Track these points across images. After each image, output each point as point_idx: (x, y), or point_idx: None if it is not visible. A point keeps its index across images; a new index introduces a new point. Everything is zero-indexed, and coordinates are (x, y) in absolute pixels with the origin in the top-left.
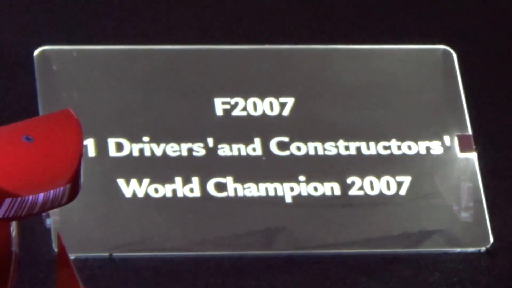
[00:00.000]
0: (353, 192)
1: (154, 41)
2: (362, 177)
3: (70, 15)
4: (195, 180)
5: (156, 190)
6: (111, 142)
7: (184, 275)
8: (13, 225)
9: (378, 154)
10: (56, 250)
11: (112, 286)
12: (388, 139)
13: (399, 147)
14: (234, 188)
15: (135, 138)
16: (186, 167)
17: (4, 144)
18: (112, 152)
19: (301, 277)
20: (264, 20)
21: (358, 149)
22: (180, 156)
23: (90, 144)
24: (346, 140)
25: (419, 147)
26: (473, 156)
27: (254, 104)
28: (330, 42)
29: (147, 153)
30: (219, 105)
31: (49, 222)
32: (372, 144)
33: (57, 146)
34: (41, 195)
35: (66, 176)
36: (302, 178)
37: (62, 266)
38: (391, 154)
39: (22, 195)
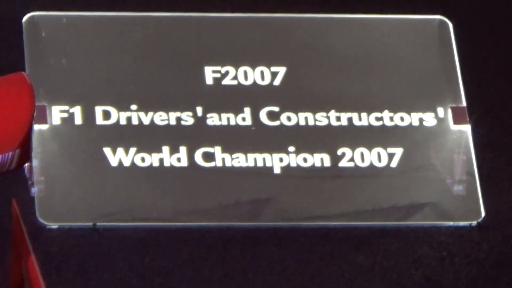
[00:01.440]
0: (343, 163)
1: (144, 8)
2: (353, 148)
3: None
4: (183, 149)
5: (143, 159)
6: (98, 110)
7: (169, 246)
8: None
9: (370, 125)
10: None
11: (95, 256)
12: (381, 110)
13: (391, 118)
14: (222, 158)
15: (122, 106)
16: (174, 136)
17: None
18: (99, 120)
19: (288, 249)
20: None
21: (350, 120)
22: (168, 125)
23: (77, 112)
24: (338, 110)
25: (412, 118)
26: (466, 128)
27: (245, 73)
28: (324, 11)
29: (135, 121)
30: (209, 74)
31: (34, 191)
32: (364, 115)
33: (7, 110)
34: None
35: (15, 142)
36: (291, 148)
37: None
38: (383, 125)
39: None
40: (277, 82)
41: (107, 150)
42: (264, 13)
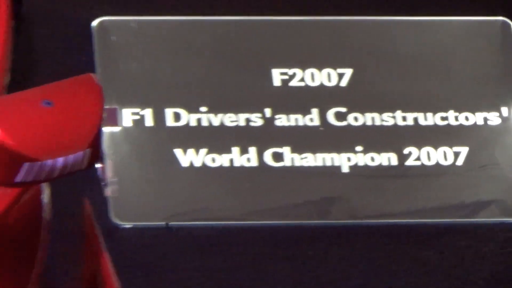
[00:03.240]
0: (409, 162)
1: (212, 13)
2: (419, 147)
3: None
4: (252, 150)
5: (213, 160)
6: (169, 112)
7: (239, 244)
8: (46, 192)
9: (436, 125)
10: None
11: (168, 254)
12: (446, 110)
13: (456, 118)
14: (291, 158)
15: (192, 108)
16: (243, 137)
17: (24, 109)
18: (170, 122)
19: (356, 246)
20: None
21: (416, 119)
22: (237, 126)
23: (147, 114)
24: (404, 111)
25: (477, 118)
26: None
27: (312, 74)
28: (388, 14)
29: (205, 123)
30: (277, 76)
31: (107, 191)
32: (429, 115)
33: (77, 111)
34: (61, 160)
35: (86, 141)
36: (359, 148)
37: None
38: (448, 125)
39: (41, 159)
40: (343, 83)
41: (178, 151)
42: (330, 16)
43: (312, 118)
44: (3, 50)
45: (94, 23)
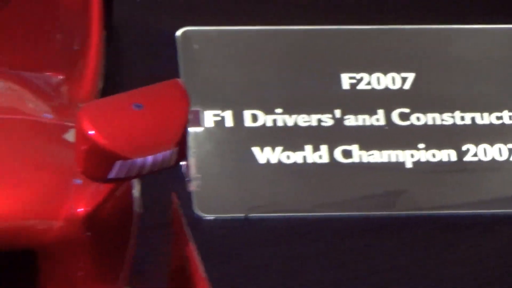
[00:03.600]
0: (467, 158)
1: (286, 23)
2: (476, 144)
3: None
4: (324, 147)
5: (288, 157)
6: (247, 113)
7: (312, 234)
8: (136, 187)
9: (491, 124)
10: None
11: (246, 243)
12: (501, 110)
13: (510, 117)
14: (359, 154)
15: (268, 110)
16: (315, 136)
17: (116, 111)
18: (248, 122)
19: (419, 235)
20: (387, 2)
21: (473, 119)
22: (309, 126)
23: (227, 115)
24: (462, 111)
25: None
26: None
27: (378, 78)
28: (446, 23)
29: (280, 123)
30: (346, 80)
31: (192, 186)
32: (485, 114)
33: (165, 113)
34: (150, 158)
35: (173, 141)
36: (421, 145)
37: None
38: (503, 124)
39: (132, 157)
40: (406, 86)
41: (255, 149)
42: (393, 25)
43: (378, 118)
44: (97, 58)
45: (178, 33)
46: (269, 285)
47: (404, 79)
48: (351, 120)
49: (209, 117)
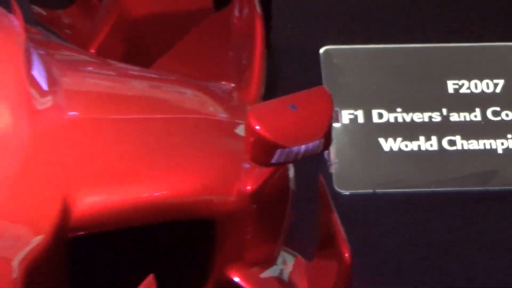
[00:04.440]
0: None
1: (405, 41)
2: None
3: (349, 21)
4: (434, 138)
5: (406, 146)
6: (374, 112)
7: (425, 205)
8: (291, 169)
9: None
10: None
11: (374, 212)
12: None
13: None
14: (461, 143)
15: (391, 109)
16: (427, 129)
17: (276, 111)
18: (375, 119)
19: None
20: (483, 25)
21: None
22: (423, 122)
23: (359, 114)
24: None
25: None
26: None
27: (475, 84)
28: None
29: (400, 119)
30: (451, 86)
31: (332, 168)
32: None
33: (314, 112)
34: (303, 147)
35: (321, 133)
36: (509, 136)
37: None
38: None
39: (289, 146)
40: (498, 90)
41: (381, 140)
42: (486, 42)
43: (476, 115)
44: (260, 70)
45: (321, 50)
46: (393, 244)
47: (495, 85)
48: (454, 117)
49: (345, 116)
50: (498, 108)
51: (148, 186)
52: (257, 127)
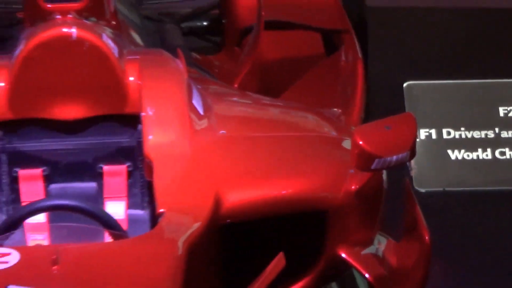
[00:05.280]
0: None
1: (478, 77)
2: None
3: (427, 61)
4: (489, 150)
5: (468, 155)
6: (444, 130)
7: (483, 202)
8: (384, 172)
9: None
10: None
11: (444, 207)
12: None
13: None
14: (509, 154)
15: (457, 128)
16: (484, 143)
17: (375, 130)
18: (445, 136)
19: None
20: None
21: None
22: (480, 137)
23: (433, 132)
24: None
25: None
26: None
27: None
28: None
29: (463, 136)
30: (502, 111)
31: (412, 172)
32: None
33: (403, 131)
34: (395, 157)
35: (409, 147)
36: None
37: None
38: None
39: (384, 157)
40: None
41: (449, 151)
42: None
43: None
44: (361, 100)
45: (405, 84)
46: (459, 229)
47: None
48: (504, 134)
49: (422, 133)
50: None
51: (280, 185)
52: (361, 142)
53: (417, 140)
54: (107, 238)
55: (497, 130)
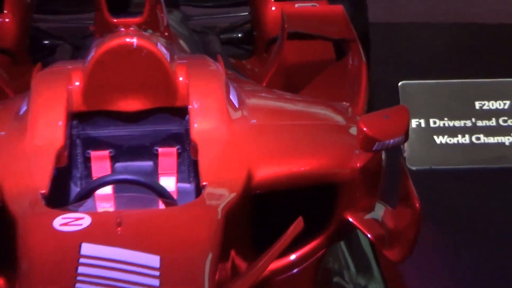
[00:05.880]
0: None
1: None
2: None
3: (419, 62)
4: (467, 136)
5: (450, 140)
6: (431, 120)
7: (465, 180)
8: (383, 153)
9: None
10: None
11: (431, 182)
12: None
13: None
14: (483, 139)
15: (441, 119)
16: (463, 130)
17: (376, 119)
18: (432, 124)
19: None
20: None
21: None
22: (460, 126)
23: (422, 121)
24: None
25: None
26: None
27: (492, 103)
28: None
29: (446, 125)
30: (478, 104)
31: (404, 153)
32: None
33: (399, 119)
34: (392, 140)
35: (403, 132)
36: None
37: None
38: None
39: (383, 140)
40: (506, 107)
41: (435, 137)
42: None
43: (492, 122)
44: (365, 95)
45: (400, 83)
46: (446, 196)
47: (505, 103)
48: (479, 123)
49: (413, 122)
50: (506, 118)
51: (299, 163)
52: (364, 129)
53: (410, 127)
54: (161, 205)
55: (473, 120)
